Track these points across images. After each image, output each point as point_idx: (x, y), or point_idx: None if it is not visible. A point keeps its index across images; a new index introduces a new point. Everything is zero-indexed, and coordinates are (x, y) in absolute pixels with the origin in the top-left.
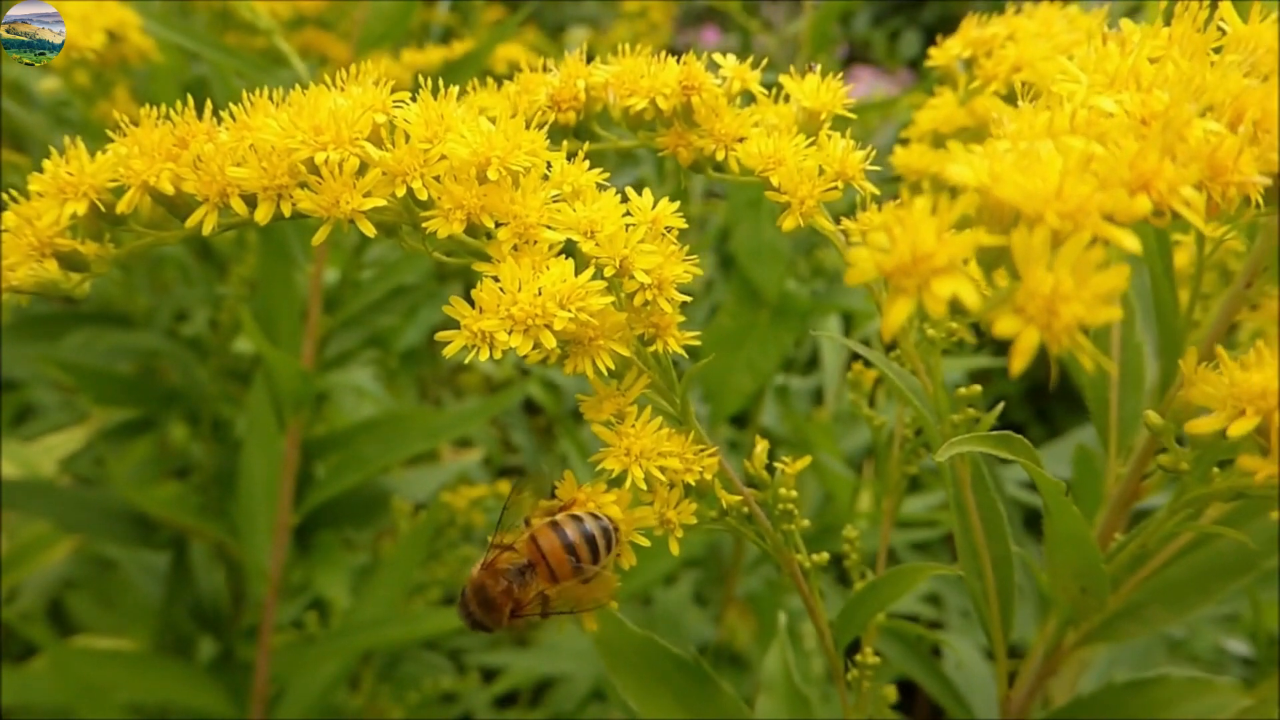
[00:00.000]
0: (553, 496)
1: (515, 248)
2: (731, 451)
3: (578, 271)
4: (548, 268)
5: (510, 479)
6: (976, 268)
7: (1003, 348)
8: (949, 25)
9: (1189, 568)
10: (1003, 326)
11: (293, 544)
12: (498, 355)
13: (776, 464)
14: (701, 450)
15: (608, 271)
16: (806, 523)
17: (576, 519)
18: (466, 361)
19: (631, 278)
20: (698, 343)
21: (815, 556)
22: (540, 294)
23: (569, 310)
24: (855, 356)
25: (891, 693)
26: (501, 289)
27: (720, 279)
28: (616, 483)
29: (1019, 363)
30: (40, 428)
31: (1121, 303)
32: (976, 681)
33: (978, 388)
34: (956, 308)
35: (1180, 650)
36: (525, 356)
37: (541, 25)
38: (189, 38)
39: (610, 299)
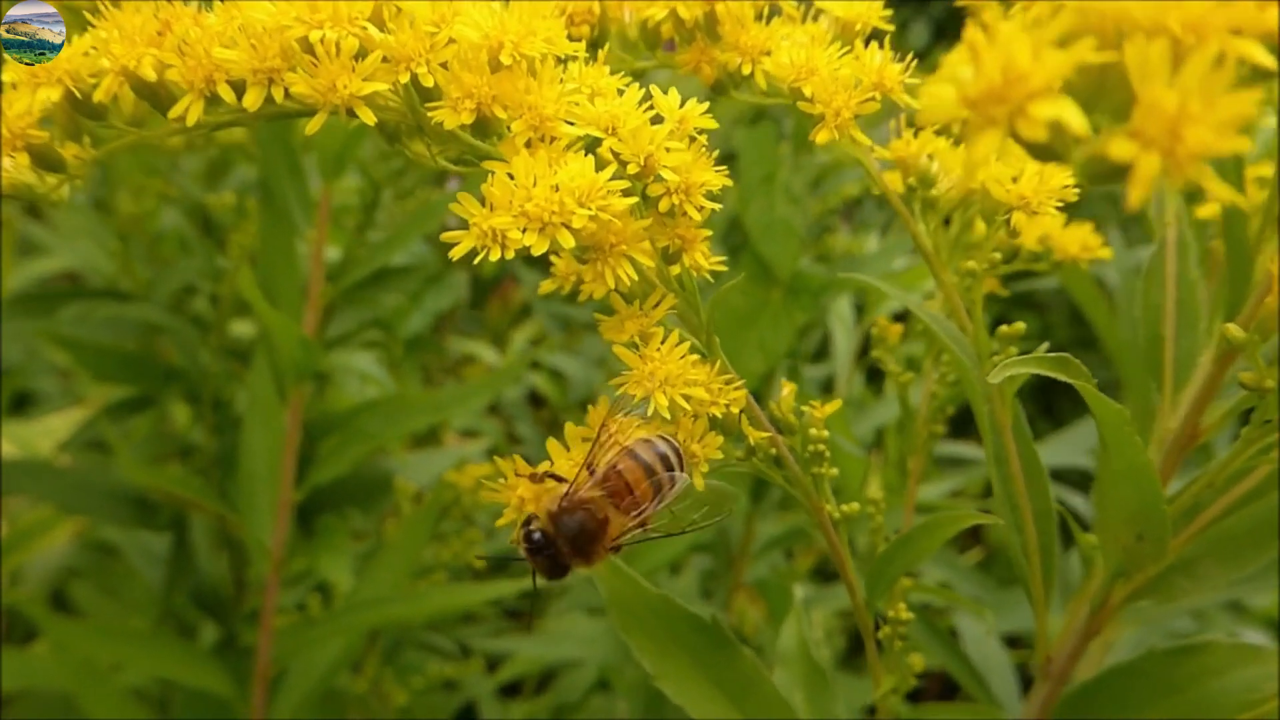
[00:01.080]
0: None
1: (529, 144)
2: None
3: (598, 173)
4: (565, 164)
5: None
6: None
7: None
8: (957, 19)
9: (1245, 521)
10: (1118, 150)
11: (295, 528)
12: (509, 255)
13: (804, 407)
14: (729, 382)
15: (630, 169)
16: (836, 471)
17: (647, 441)
18: (475, 263)
19: (657, 179)
20: (724, 268)
21: (845, 506)
22: (558, 189)
23: (589, 208)
24: (869, 339)
25: (918, 660)
26: (516, 184)
27: (729, 267)
28: None
29: (1138, 194)
30: (42, 414)
31: (1176, 235)
32: (994, 663)
33: (1021, 325)
34: (1052, 149)
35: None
36: (531, 346)
37: None
38: None
39: (633, 200)
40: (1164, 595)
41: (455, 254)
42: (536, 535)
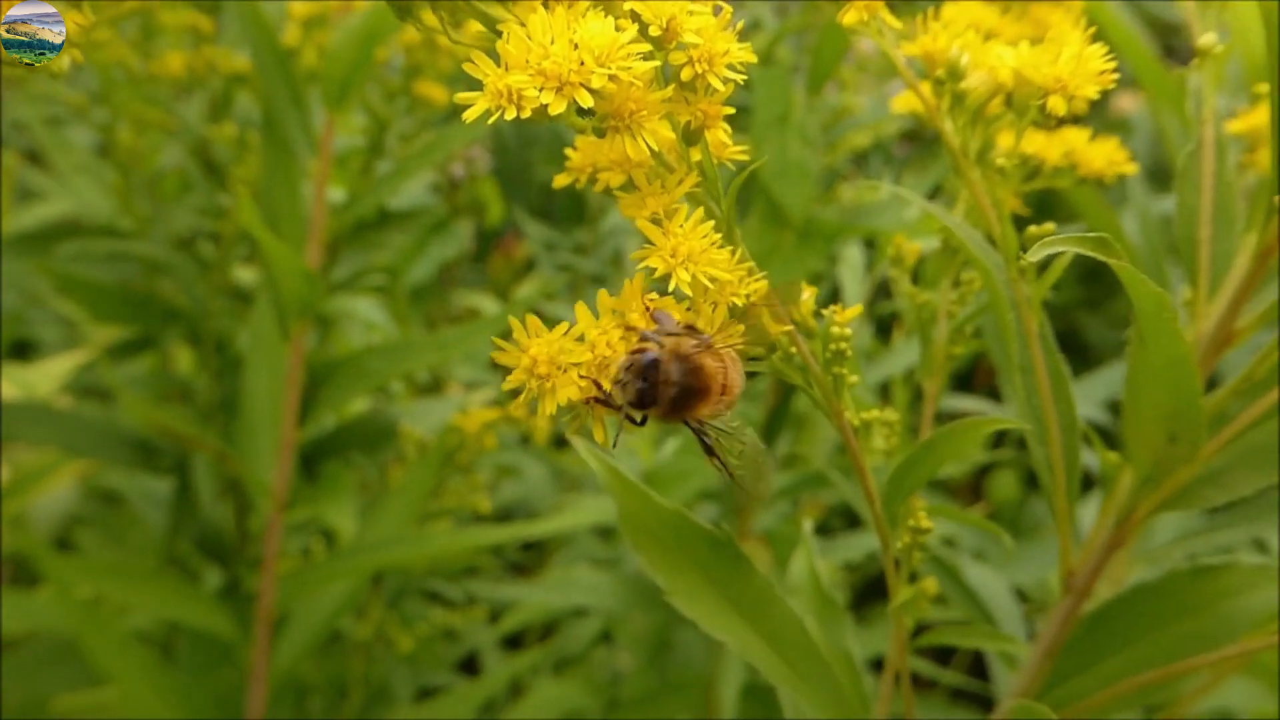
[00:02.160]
0: None
1: (546, 3)
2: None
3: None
4: (584, 23)
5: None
6: None
7: None
8: None
9: (1274, 432)
10: None
11: (299, 474)
12: (525, 114)
13: (824, 311)
14: (750, 272)
15: (652, 31)
16: (856, 379)
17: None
18: (489, 123)
19: (679, 47)
20: (746, 157)
21: (864, 413)
22: (576, 48)
23: (609, 68)
24: (879, 289)
25: (932, 585)
26: (532, 42)
27: (742, 209)
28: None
29: None
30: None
31: (1214, 134)
32: (1000, 601)
33: (1051, 225)
34: None
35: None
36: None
37: None
38: None
39: (655, 63)
40: (1193, 504)
41: (469, 115)
42: (650, 358)
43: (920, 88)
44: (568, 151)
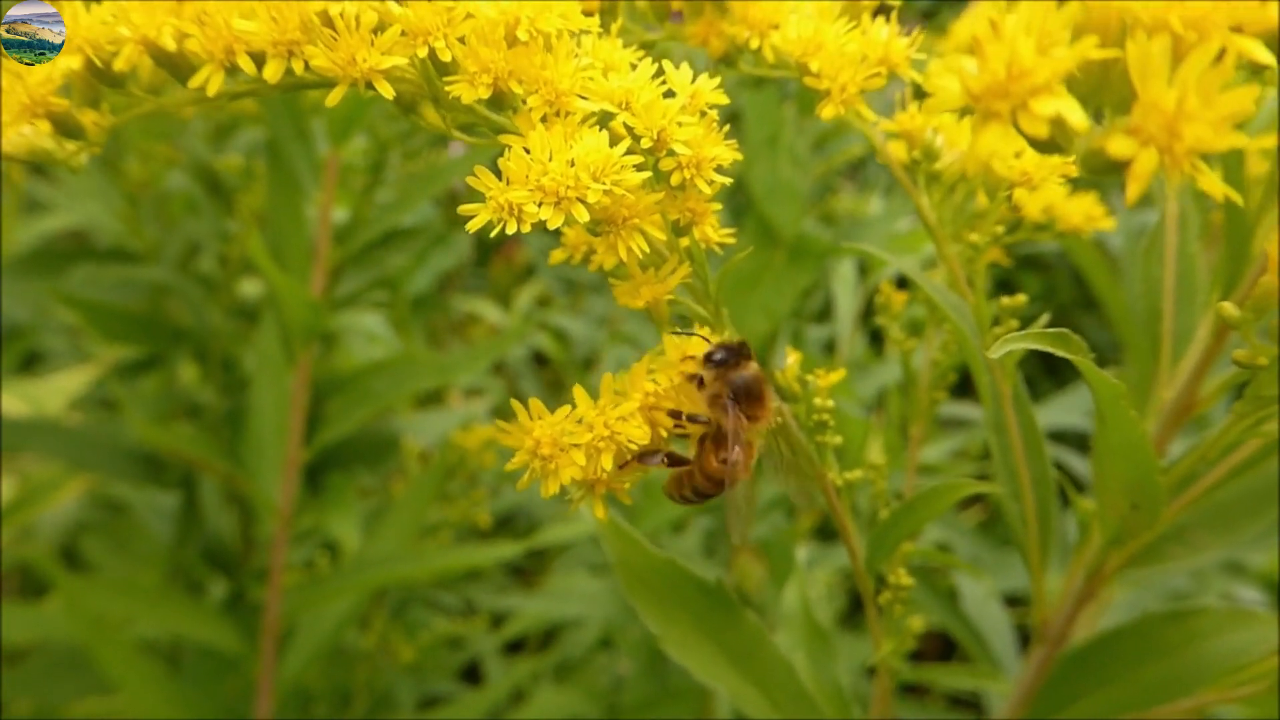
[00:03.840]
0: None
1: (545, 119)
2: None
3: (612, 147)
4: (580, 139)
5: None
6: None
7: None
8: None
9: (1238, 491)
10: (1117, 147)
11: (303, 486)
12: (525, 229)
13: (809, 376)
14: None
15: (644, 143)
16: (840, 439)
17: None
18: (492, 236)
19: (669, 154)
20: (733, 240)
21: (847, 474)
22: (573, 165)
23: (603, 183)
24: (871, 302)
25: (917, 623)
26: (532, 159)
27: (735, 227)
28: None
29: (1135, 189)
30: (50, 373)
31: (1177, 209)
32: (993, 622)
33: (1022, 296)
34: (1053, 142)
35: (1188, 601)
36: (536, 306)
37: None
38: None
39: (646, 174)
40: (1158, 561)
41: (472, 226)
42: (725, 352)
43: (896, 163)
44: (564, 229)
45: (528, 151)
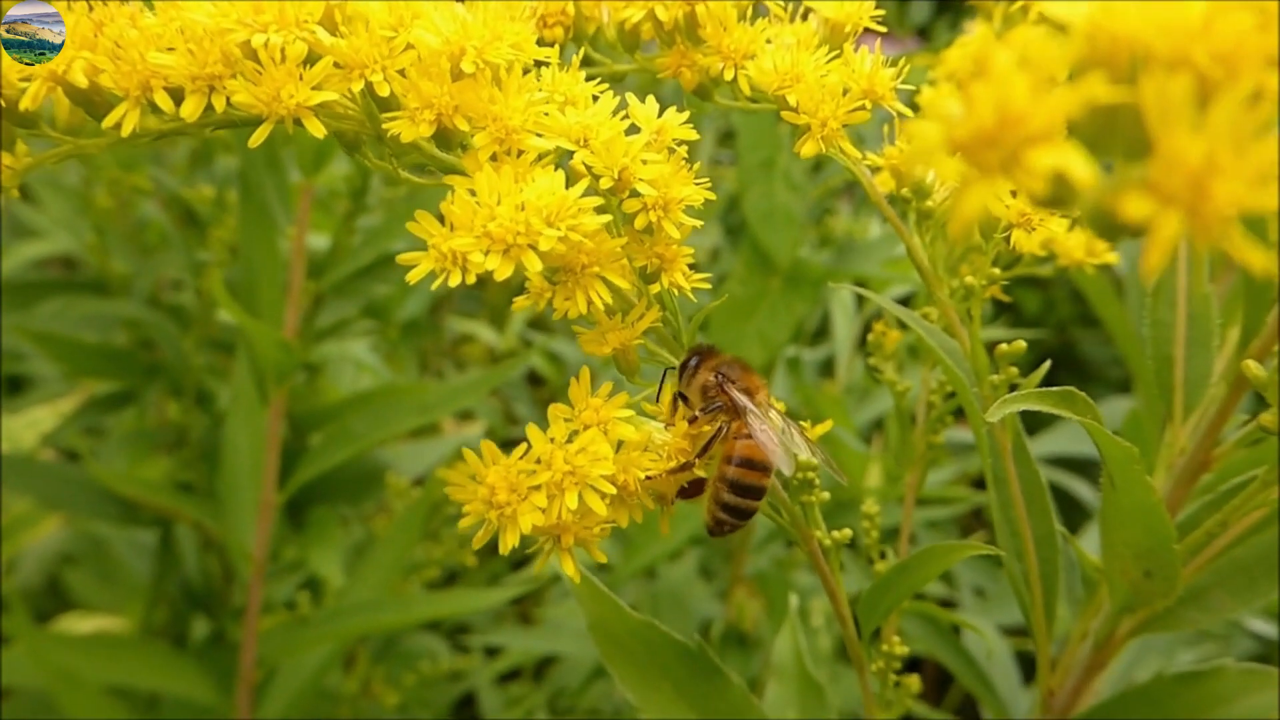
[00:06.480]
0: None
1: (494, 158)
2: None
3: (568, 188)
4: (532, 181)
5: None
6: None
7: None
8: None
9: (1258, 548)
10: (1134, 209)
11: (285, 520)
12: (470, 280)
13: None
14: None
15: (604, 184)
16: (826, 495)
17: None
18: (434, 288)
19: (633, 195)
20: (707, 285)
21: (835, 534)
22: (524, 208)
23: (558, 228)
24: (870, 326)
25: (915, 683)
26: (478, 203)
27: (728, 249)
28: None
29: (1155, 259)
30: (38, 399)
31: (1186, 248)
32: (1000, 664)
33: (1022, 343)
34: (1055, 198)
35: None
36: (530, 321)
37: None
38: None
39: (606, 218)
40: (1173, 627)
41: (412, 277)
42: (694, 353)
43: (885, 204)
44: (529, 273)
45: (474, 194)
